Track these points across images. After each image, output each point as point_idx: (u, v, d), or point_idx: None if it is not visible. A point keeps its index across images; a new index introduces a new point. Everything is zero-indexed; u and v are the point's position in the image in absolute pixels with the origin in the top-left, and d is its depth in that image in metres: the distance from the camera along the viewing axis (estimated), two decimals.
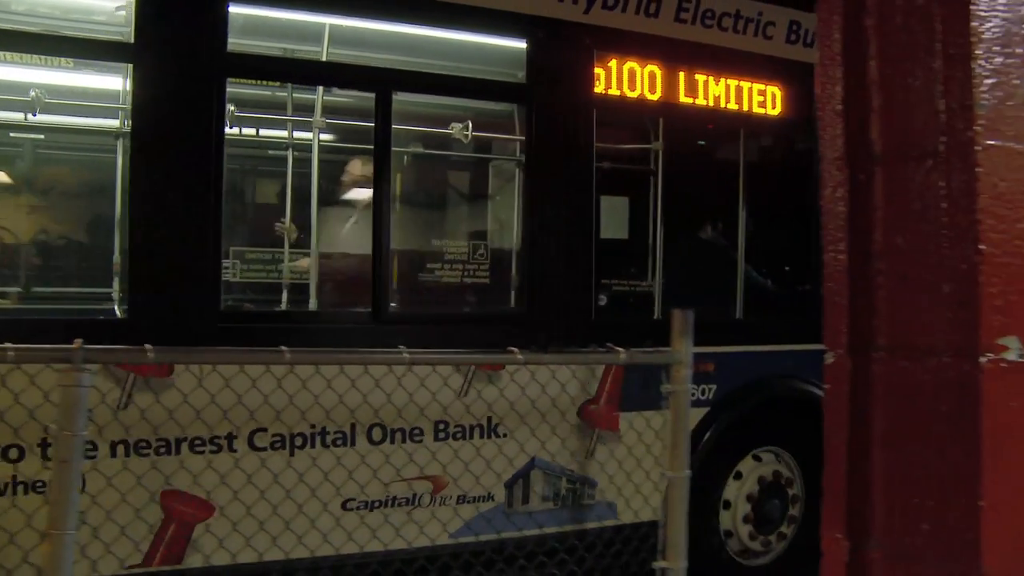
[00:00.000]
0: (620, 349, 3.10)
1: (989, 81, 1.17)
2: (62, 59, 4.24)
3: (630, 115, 4.82)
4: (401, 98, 4.35)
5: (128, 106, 3.90)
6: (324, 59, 4.36)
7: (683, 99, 4.58)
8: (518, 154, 4.67)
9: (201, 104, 3.60)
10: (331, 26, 4.30)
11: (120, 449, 3.38)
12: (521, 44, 4.30)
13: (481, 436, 3.96)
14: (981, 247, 1.13)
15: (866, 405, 1.26)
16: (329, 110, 4.71)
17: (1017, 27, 1.21)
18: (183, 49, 3.56)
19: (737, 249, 4.92)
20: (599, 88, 4.36)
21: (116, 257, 4.31)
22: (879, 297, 1.26)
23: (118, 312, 4.16)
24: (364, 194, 4.65)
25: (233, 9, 3.74)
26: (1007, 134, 1.18)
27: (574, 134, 4.35)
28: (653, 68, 4.46)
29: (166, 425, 3.39)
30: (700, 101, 4.63)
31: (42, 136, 4.96)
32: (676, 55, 4.55)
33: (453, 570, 3.84)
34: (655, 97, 4.51)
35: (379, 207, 4.01)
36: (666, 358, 3.06)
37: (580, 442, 4.24)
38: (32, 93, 4.16)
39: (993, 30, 1.19)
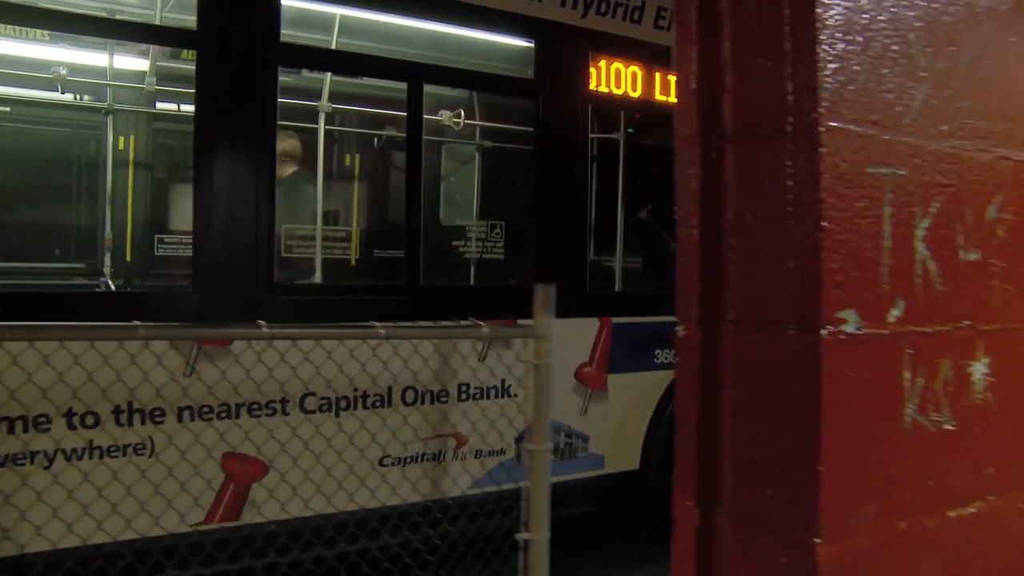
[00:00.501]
0: (483, 323, 3.11)
1: (832, 66, 1.24)
2: (39, 32, 4.58)
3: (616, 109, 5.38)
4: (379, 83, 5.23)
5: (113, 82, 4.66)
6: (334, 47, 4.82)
7: (658, 96, 5.24)
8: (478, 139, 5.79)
9: (256, 90, 3.86)
10: (342, 16, 4.79)
11: (186, 415, 3.65)
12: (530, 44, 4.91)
13: (497, 396, 4.48)
14: (823, 224, 1.19)
15: (716, 377, 1.32)
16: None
17: (857, 15, 1.28)
18: (241, 38, 3.83)
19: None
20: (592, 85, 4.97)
21: (107, 232, 4.68)
22: (729, 272, 1.31)
23: (112, 286, 4.62)
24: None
25: (284, 2, 4.05)
26: (848, 117, 1.25)
27: (573, 125, 4.94)
28: (635, 68, 5.13)
29: (226, 391, 3.67)
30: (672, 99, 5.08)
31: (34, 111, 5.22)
32: (656, 57, 5.16)
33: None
34: (637, 94, 5.16)
35: (412, 190, 4.43)
36: (528, 332, 3.08)
37: (576, 401, 4.87)
38: (59, 71, 4.65)
39: (836, 17, 1.25)
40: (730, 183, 1.31)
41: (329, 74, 4.99)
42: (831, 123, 1.23)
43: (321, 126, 4.98)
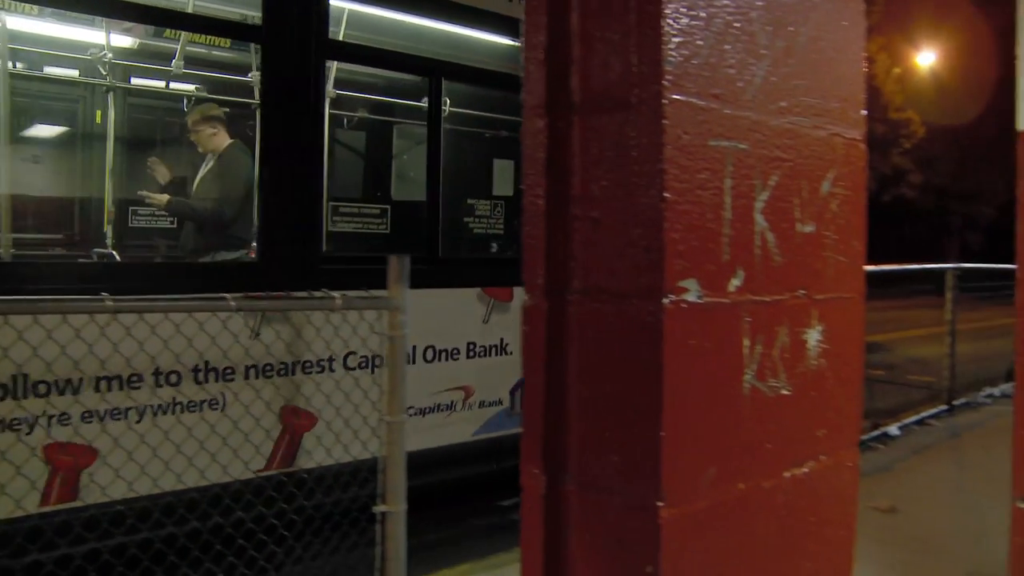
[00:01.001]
0: (336, 295, 3.05)
1: (676, 40, 1.27)
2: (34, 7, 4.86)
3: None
4: None
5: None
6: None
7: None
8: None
9: (309, 81, 4.27)
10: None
11: (252, 372, 4.04)
12: None
13: (496, 354, 5.12)
14: (666, 195, 1.22)
15: (562, 345, 1.34)
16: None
17: None
18: (297, 35, 4.22)
19: None
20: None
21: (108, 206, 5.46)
22: (574, 242, 1.34)
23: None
24: None
25: (332, 3, 4.42)
26: (691, 90, 1.28)
27: None
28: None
29: (283, 352, 4.12)
30: None
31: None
32: None
33: None
34: None
35: (433, 169, 4.91)
36: (382, 304, 3.05)
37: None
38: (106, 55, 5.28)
39: None
40: (576, 154, 1.33)
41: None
42: (675, 96, 1.26)
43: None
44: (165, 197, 5.16)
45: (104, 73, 5.50)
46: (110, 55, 5.38)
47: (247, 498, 3.70)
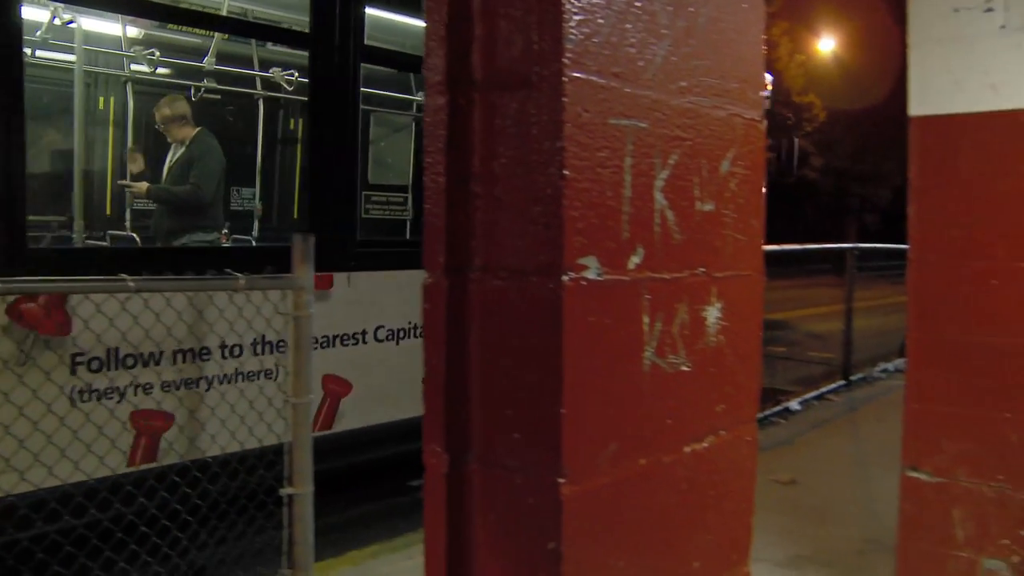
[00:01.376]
0: (240, 275, 2.98)
1: (577, 17, 1.27)
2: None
3: None
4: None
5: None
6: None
7: None
8: None
9: (348, 81, 4.74)
10: None
11: None
12: None
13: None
14: (565, 173, 1.23)
15: (463, 323, 1.33)
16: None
17: None
18: (338, 41, 4.67)
19: None
20: None
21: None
22: (475, 220, 1.33)
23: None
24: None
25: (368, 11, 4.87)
26: (592, 68, 1.28)
27: None
28: None
29: (326, 326, 4.54)
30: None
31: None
32: None
33: None
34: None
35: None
36: (287, 283, 3.01)
37: None
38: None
39: None
40: (477, 131, 1.32)
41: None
42: (575, 74, 1.26)
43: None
44: (144, 185, 5.48)
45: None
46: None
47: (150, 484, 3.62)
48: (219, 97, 6.57)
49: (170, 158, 5.56)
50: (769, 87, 10.19)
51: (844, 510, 4.90)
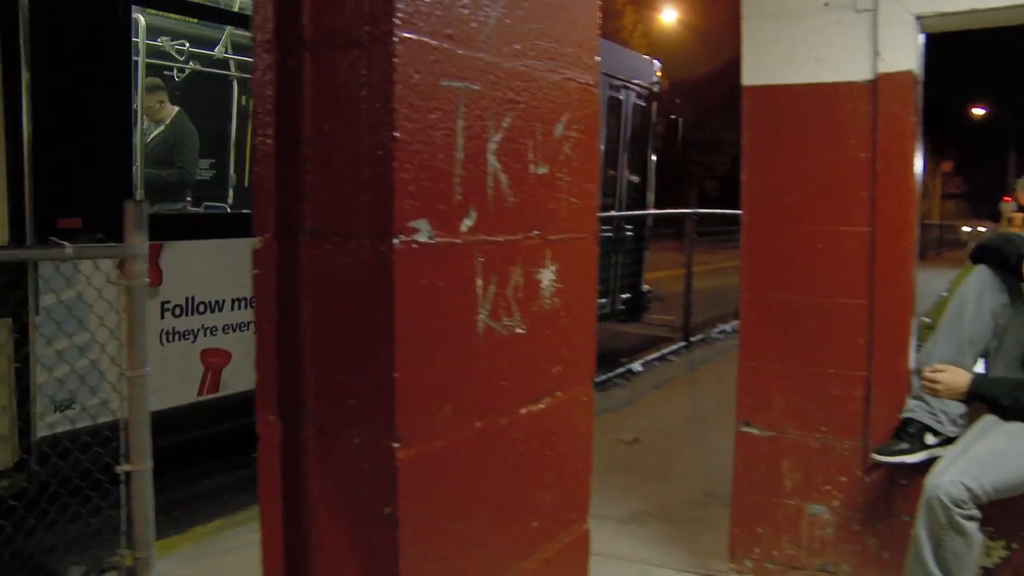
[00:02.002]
0: (68, 244, 2.82)
1: None
2: None
3: None
4: None
5: None
6: None
7: None
8: None
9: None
10: None
11: None
12: None
13: None
14: (396, 135, 1.22)
15: (295, 288, 1.31)
16: None
17: None
18: None
19: None
20: None
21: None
22: (306, 183, 1.31)
23: None
24: None
25: None
26: (423, 29, 1.27)
27: None
28: None
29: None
30: None
31: None
32: None
33: None
34: None
35: None
36: (120, 252, 2.86)
37: None
38: None
39: None
40: (307, 91, 1.29)
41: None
42: (406, 34, 1.25)
43: None
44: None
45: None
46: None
47: None
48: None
49: (147, 135, 5.52)
50: (659, 74, 10.14)
51: (684, 466, 5.11)
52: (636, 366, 7.93)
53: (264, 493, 1.42)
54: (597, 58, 1.72)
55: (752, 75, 3.19)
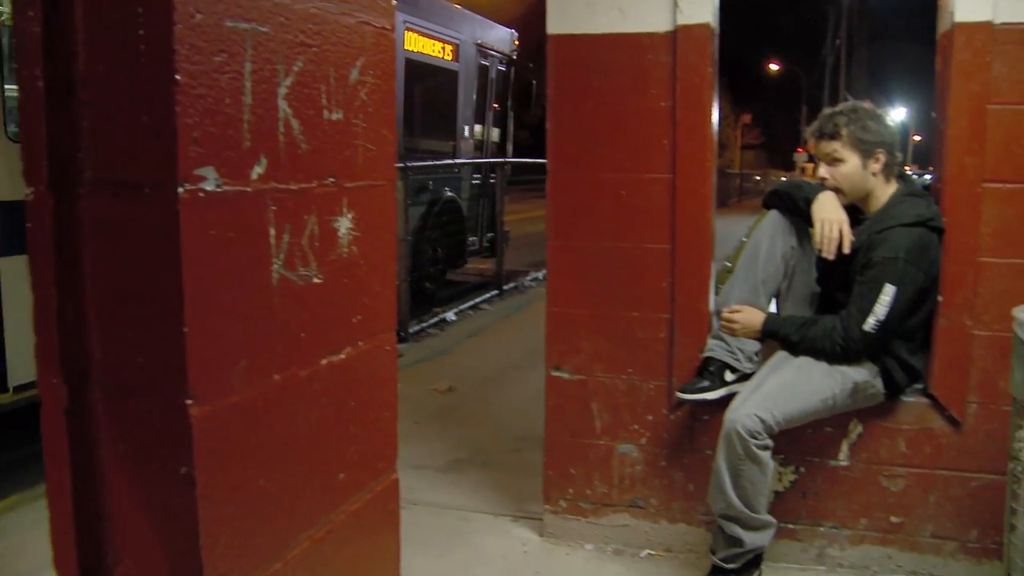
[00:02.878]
0: None
1: None
2: None
3: None
4: None
5: None
6: None
7: None
8: None
9: None
10: None
11: None
12: None
13: None
14: (177, 77, 1.18)
15: (75, 243, 1.25)
16: None
17: None
18: None
19: None
20: None
21: None
22: (82, 129, 1.24)
23: None
24: None
25: None
26: None
27: None
28: None
29: None
30: None
31: None
32: None
33: None
34: None
35: None
36: None
37: None
38: None
39: None
40: (80, 30, 1.23)
41: None
42: None
43: None
44: None
45: None
46: None
47: None
48: None
49: None
50: (516, 42, 11.00)
51: (499, 412, 5.24)
52: (450, 315, 8.01)
53: (51, 462, 1.36)
54: (394, 1, 1.71)
55: (557, 24, 3.24)
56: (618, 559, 3.30)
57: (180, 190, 1.18)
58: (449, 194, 9.12)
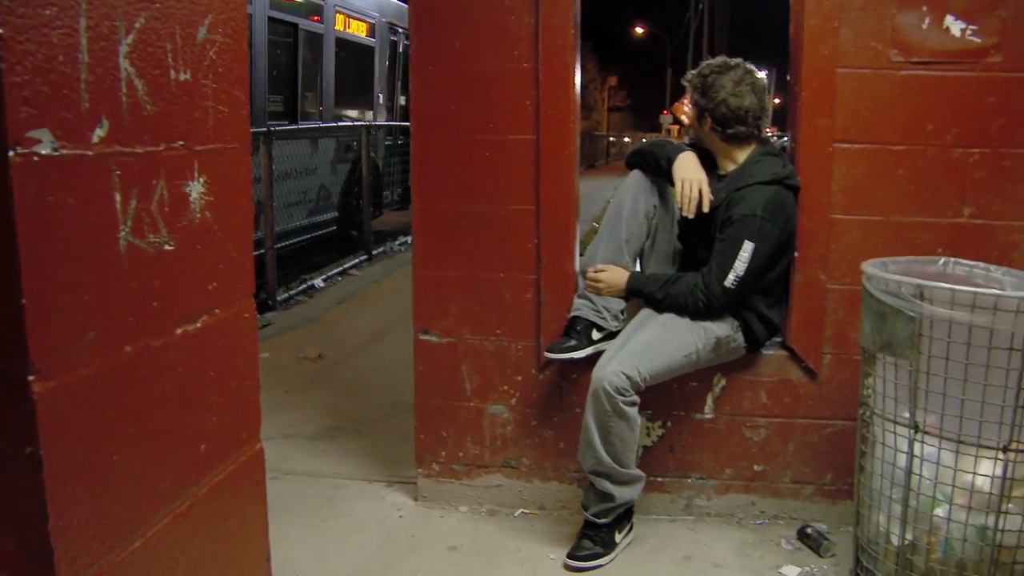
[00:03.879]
0: None
1: None
2: None
3: None
4: None
5: None
6: None
7: None
8: None
9: None
10: None
11: None
12: None
13: None
14: (1, 32, 1.10)
15: None
16: None
17: None
18: None
19: None
20: None
21: None
22: None
23: None
24: None
25: None
26: None
27: None
28: None
29: None
30: None
31: None
32: None
33: None
34: None
35: None
36: None
37: None
38: None
39: None
40: None
41: None
42: None
43: None
44: None
45: None
46: None
47: None
48: None
49: None
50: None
51: (371, 378, 5.21)
52: (318, 282, 7.89)
53: None
54: None
55: None
56: (493, 519, 3.34)
57: (11, 153, 1.11)
58: (371, 155, 10.13)
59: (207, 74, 1.52)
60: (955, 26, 2.93)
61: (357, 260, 9.06)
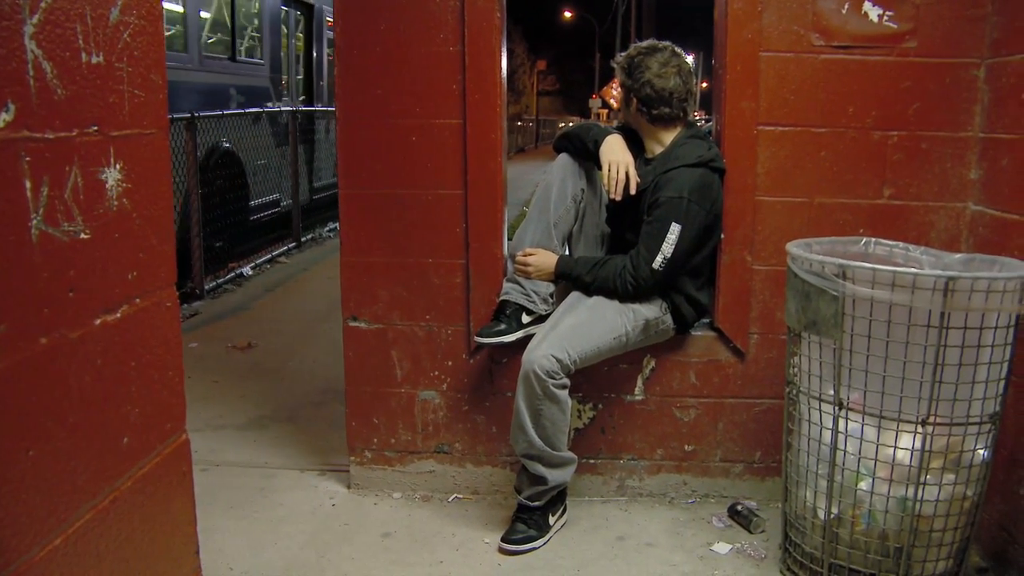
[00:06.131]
0: None
1: None
2: None
3: None
4: None
5: None
6: None
7: None
8: None
9: None
10: None
11: None
12: None
13: None
14: None
15: None
16: None
17: None
18: None
19: None
20: None
21: None
22: None
23: None
24: None
25: None
26: None
27: None
28: None
29: None
30: None
31: None
32: None
33: None
34: None
35: None
36: None
37: None
38: None
39: None
40: None
41: None
42: None
43: None
44: None
45: None
46: None
47: None
48: None
49: None
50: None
51: (301, 366, 5.15)
52: (246, 270, 7.77)
53: None
54: None
55: None
56: (426, 505, 3.34)
57: None
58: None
59: (121, 57, 1.47)
60: (873, 11, 2.99)
61: (286, 248, 8.94)
